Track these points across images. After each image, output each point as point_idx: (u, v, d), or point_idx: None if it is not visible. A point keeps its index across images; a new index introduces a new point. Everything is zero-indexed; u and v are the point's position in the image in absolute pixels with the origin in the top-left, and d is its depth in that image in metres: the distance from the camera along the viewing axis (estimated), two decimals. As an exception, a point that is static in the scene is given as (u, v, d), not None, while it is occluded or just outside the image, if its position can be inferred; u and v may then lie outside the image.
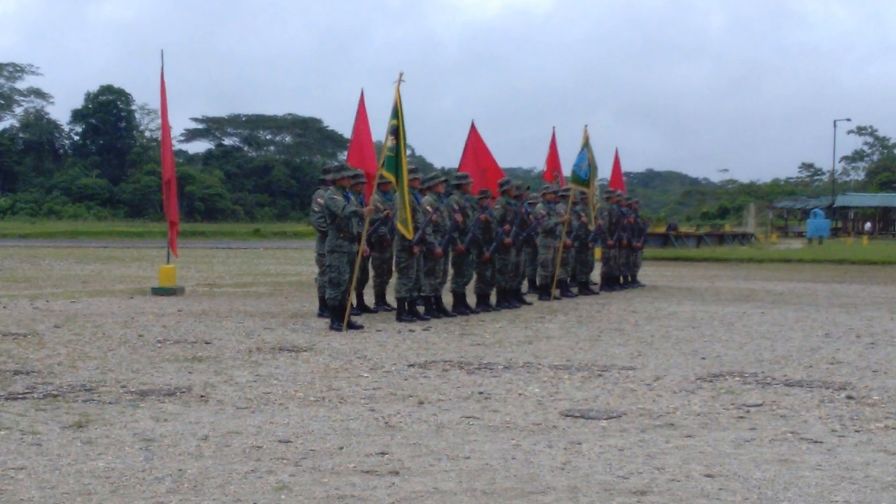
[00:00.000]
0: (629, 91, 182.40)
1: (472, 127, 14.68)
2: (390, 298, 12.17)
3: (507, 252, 12.66)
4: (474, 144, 14.55)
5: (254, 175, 77.57)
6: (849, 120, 77.57)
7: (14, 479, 4.47)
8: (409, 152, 12.31)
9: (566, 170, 16.51)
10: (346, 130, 70.73)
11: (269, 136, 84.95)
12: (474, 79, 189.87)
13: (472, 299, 12.64)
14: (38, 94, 76.21)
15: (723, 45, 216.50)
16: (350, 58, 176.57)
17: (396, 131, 10.46)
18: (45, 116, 75.94)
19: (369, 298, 12.40)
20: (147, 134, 76.45)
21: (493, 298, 12.85)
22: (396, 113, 10.52)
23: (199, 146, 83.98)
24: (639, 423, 5.82)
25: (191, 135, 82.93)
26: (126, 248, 32.65)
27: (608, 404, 6.37)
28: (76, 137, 76.17)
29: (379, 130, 12.33)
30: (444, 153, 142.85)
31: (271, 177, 77.18)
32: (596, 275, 16.82)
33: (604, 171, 20.41)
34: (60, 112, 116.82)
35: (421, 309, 11.46)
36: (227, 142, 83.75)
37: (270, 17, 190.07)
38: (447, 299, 12.24)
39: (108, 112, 73.23)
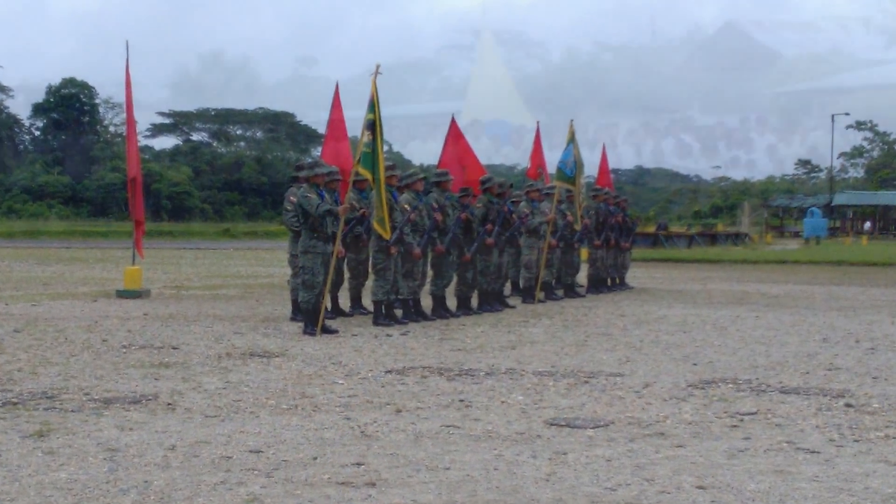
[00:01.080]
0: (618, 85, 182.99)
1: (453, 122, 14.51)
2: (366, 301, 12.05)
3: (489, 253, 12.53)
4: (454, 140, 14.37)
5: (223, 172, 77.10)
6: (847, 114, 73.96)
7: (-31, 492, 4.36)
8: (386, 148, 12.14)
9: (551, 167, 16.39)
10: (320, 125, 70.74)
11: (239, 132, 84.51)
12: (455, 71, 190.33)
13: (452, 302, 12.53)
14: (-3, 87, 75.24)
15: (716, 37, 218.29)
16: (324, 49, 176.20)
17: (373, 126, 10.36)
18: (4, 110, 74.96)
19: (344, 301, 12.31)
20: (111, 129, 75.66)
21: (474, 301, 12.75)
22: (373, 107, 10.42)
23: (166, 142, 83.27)
24: (627, 432, 5.76)
25: (157, 130, 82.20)
26: (89, 249, 32.39)
27: (595, 412, 6.31)
28: (37, 132, 75.35)
29: (354, 125, 12.15)
30: (422, 149, 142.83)
31: (241, 174, 76.77)
32: (582, 276, 16.72)
33: (590, 168, 20.28)
34: (20, 106, 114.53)
35: (399, 312, 11.35)
36: (195, 137, 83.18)
37: (241, 6, 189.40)
38: (426, 302, 12.14)
39: (70, 106, 72.33)
